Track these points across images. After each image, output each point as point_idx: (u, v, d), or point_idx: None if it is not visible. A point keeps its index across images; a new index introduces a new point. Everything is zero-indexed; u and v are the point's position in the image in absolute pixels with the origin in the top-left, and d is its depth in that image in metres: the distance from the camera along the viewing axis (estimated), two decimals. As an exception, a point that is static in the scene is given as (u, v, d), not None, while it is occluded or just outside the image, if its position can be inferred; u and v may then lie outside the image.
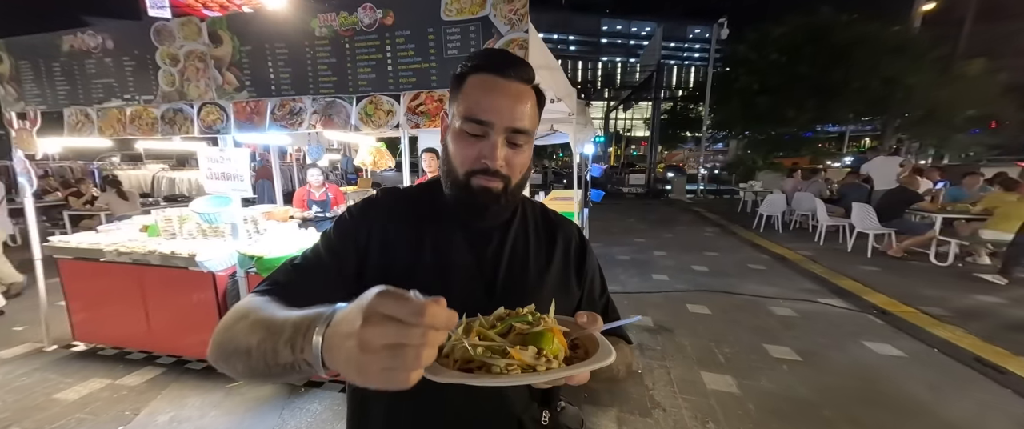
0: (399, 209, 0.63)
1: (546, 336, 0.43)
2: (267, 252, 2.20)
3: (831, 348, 2.82)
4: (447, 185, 0.60)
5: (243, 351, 0.42)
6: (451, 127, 0.58)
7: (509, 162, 0.56)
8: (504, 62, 0.56)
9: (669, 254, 5.66)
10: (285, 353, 0.38)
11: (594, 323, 0.47)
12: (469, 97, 0.55)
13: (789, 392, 2.29)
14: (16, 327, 3.06)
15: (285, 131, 2.01)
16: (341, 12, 1.81)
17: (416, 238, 0.61)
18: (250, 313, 0.46)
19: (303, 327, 0.38)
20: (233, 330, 0.45)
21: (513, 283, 0.61)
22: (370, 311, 0.31)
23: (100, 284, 2.56)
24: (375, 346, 0.30)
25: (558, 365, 0.42)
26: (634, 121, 37.21)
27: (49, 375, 2.41)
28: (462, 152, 0.56)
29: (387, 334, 0.30)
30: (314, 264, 0.59)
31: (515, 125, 0.54)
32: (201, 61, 2.04)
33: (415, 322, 0.30)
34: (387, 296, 0.31)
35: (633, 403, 2.18)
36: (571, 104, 3.13)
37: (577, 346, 0.47)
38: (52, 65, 2.29)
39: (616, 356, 0.59)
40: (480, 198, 0.56)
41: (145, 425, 1.98)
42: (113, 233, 2.83)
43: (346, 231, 0.61)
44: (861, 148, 25.11)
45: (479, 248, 0.62)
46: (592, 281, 0.71)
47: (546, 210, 0.73)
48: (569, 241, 0.69)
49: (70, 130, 2.35)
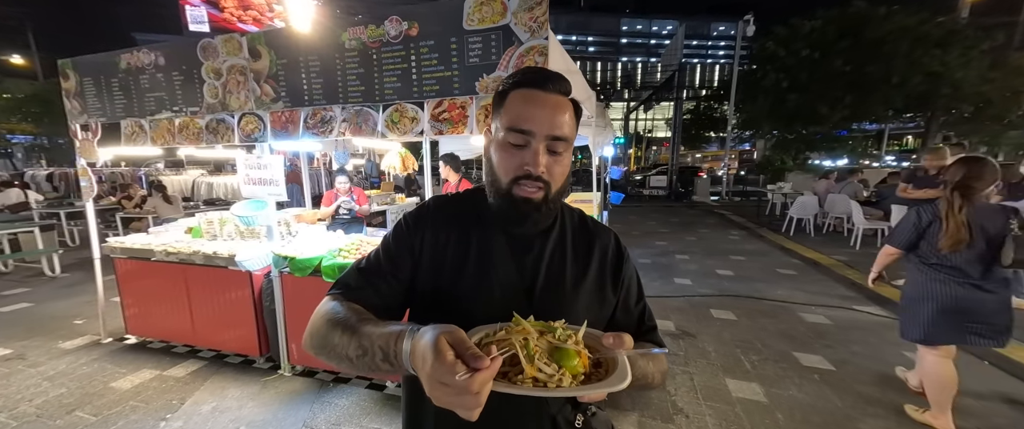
0: (448, 216, 0.69)
1: (569, 353, 0.46)
2: (299, 253, 2.33)
3: (868, 358, 2.69)
4: (491, 194, 0.65)
5: (346, 358, 0.54)
6: (495, 140, 0.63)
7: (550, 169, 0.59)
8: (543, 77, 0.61)
9: (692, 258, 5.52)
10: (384, 366, 0.50)
11: (620, 345, 0.49)
12: (511, 110, 0.60)
13: (822, 403, 2.21)
14: (77, 321, 3.34)
15: (317, 138, 2.13)
16: (369, 25, 1.90)
17: (463, 243, 0.66)
18: (339, 322, 0.56)
19: (392, 349, 0.48)
20: (330, 339, 0.55)
21: (550, 292, 0.65)
22: (432, 380, 0.40)
23: (150, 282, 2.77)
24: (441, 400, 0.40)
25: (570, 384, 0.44)
26: (655, 122, 36.47)
27: (106, 365, 2.62)
28: (506, 161, 0.60)
29: (447, 395, 0.39)
30: (376, 270, 0.66)
31: (555, 133, 0.58)
32: (241, 74, 2.19)
33: (464, 391, 0.38)
34: (441, 368, 0.39)
35: (654, 408, 2.16)
36: (590, 107, 3.13)
37: (599, 364, 0.50)
38: (111, 81, 2.51)
39: (652, 366, 0.62)
40: (523, 207, 0.60)
41: (190, 414, 2.13)
42: (162, 234, 3.06)
43: (402, 239, 0.68)
44: (903, 147, 23.60)
45: (519, 256, 0.65)
46: (628, 289, 0.72)
47: (585, 218, 0.75)
48: (606, 249, 0.71)
49: (126, 140, 2.56)
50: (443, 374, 0.39)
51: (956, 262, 1.84)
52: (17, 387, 2.37)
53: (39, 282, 4.51)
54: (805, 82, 10.87)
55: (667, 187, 15.21)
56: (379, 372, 0.53)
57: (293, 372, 2.49)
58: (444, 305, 0.64)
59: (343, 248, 2.43)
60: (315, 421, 2.06)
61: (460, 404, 0.39)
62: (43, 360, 2.69)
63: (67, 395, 2.29)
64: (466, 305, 0.63)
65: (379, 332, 0.51)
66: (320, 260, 2.29)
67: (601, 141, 4.67)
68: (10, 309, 3.67)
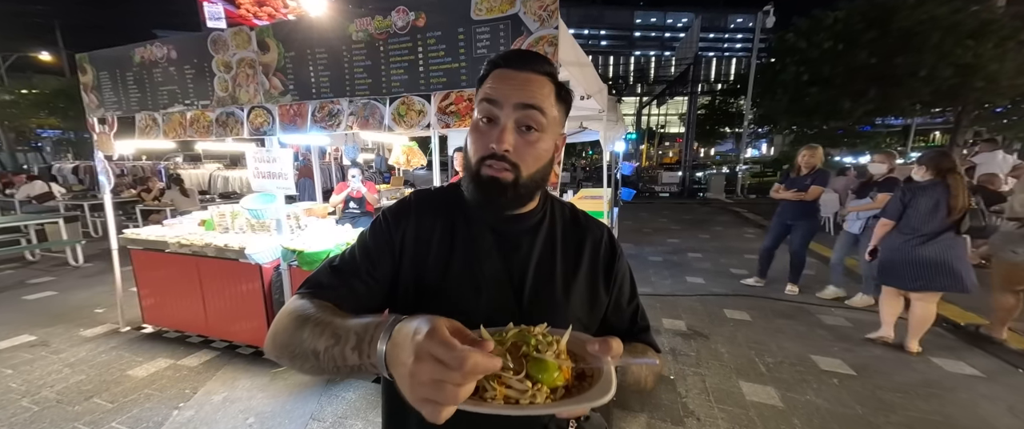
0: (431, 211, 0.64)
1: (547, 365, 0.41)
2: (307, 246, 2.33)
3: (892, 363, 2.57)
4: (465, 181, 0.60)
5: (311, 353, 0.47)
6: (472, 124, 0.59)
7: (518, 150, 0.55)
8: (519, 57, 0.57)
9: (705, 256, 5.40)
10: (353, 357, 0.43)
11: (607, 352, 0.44)
12: (484, 88, 0.57)
13: (841, 408, 2.12)
14: (97, 309, 3.45)
15: (324, 132, 2.12)
16: (376, 16, 1.87)
17: (447, 238, 0.62)
18: (309, 318, 0.50)
19: (367, 336, 0.43)
20: (297, 334, 0.49)
21: (539, 293, 0.61)
22: (421, 351, 0.35)
23: (165, 273, 2.83)
24: (422, 379, 0.34)
25: (544, 399, 0.40)
26: (668, 117, 35.79)
27: (123, 353, 2.69)
28: (475, 140, 0.57)
29: (433, 372, 0.34)
30: (351, 268, 0.61)
31: (524, 100, 0.54)
32: (251, 67, 2.19)
33: (457, 368, 0.33)
34: (435, 340, 0.35)
35: (664, 410, 2.11)
36: (601, 101, 3.05)
37: (584, 375, 0.45)
38: (126, 75, 2.55)
39: (644, 369, 0.58)
40: (487, 187, 0.55)
41: (202, 403, 2.16)
42: (176, 226, 3.11)
43: (381, 235, 0.63)
44: (930, 143, 22.63)
45: (507, 252, 0.62)
46: (621, 287, 0.69)
47: (576, 211, 0.71)
48: (598, 245, 0.68)
49: (140, 133, 2.60)
50: (436, 345, 0.34)
51: (926, 230, 2.49)
52: (40, 373, 2.45)
53: (64, 271, 4.67)
54: (827, 75, 10.48)
55: (680, 184, 14.93)
56: (344, 370, 0.45)
57: (302, 364, 2.51)
58: (428, 303, 0.59)
59: (351, 242, 2.42)
60: (322, 414, 2.07)
61: (439, 391, 0.33)
62: (65, 347, 2.78)
63: (86, 382, 2.36)
64: (451, 303, 0.59)
65: (357, 320, 0.46)
66: (328, 254, 2.29)
67: (612, 136, 4.58)
68: (36, 297, 3.81)
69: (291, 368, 0.52)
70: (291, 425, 1.99)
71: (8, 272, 4.66)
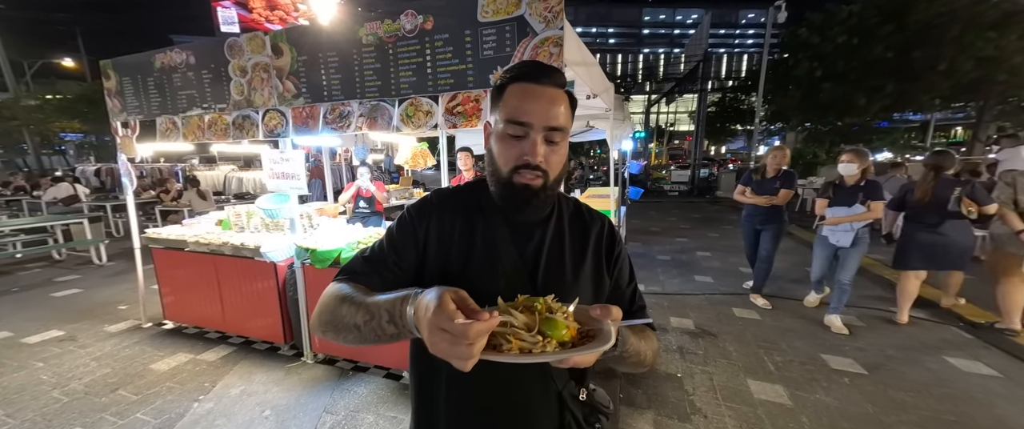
0: (451, 207, 0.71)
1: (556, 323, 0.48)
2: (319, 245, 2.40)
3: (904, 363, 2.54)
4: (492, 184, 0.68)
5: (353, 326, 0.58)
6: (495, 133, 0.66)
7: (547, 159, 0.63)
8: (539, 71, 0.63)
9: (714, 255, 5.35)
10: (390, 328, 0.54)
11: (607, 316, 0.51)
12: (509, 104, 0.62)
13: (851, 408, 2.10)
14: (121, 306, 3.59)
15: (335, 133, 2.18)
16: (385, 19, 1.92)
17: (468, 233, 0.69)
18: (346, 298, 0.60)
19: (396, 310, 0.52)
20: (339, 312, 0.59)
21: (551, 278, 0.68)
22: (432, 326, 0.44)
23: (184, 271, 2.93)
24: (438, 348, 0.44)
25: (553, 349, 0.47)
26: (678, 115, 35.37)
27: (146, 348, 2.80)
28: (506, 152, 0.63)
29: (443, 340, 0.43)
30: (379, 258, 0.69)
31: (552, 124, 0.61)
32: (265, 71, 2.26)
33: (462, 336, 0.41)
34: (442, 316, 0.43)
35: (671, 407, 2.12)
36: (608, 100, 3.06)
37: (590, 335, 0.52)
38: (147, 80, 2.65)
39: (643, 343, 0.65)
40: (523, 194, 0.63)
41: (221, 396, 2.24)
42: (195, 226, 3.22)
43: (406, 229, 0.70)
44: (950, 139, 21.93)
45: (521, 243, 0.69)
46: (620, 270, 0.76)
47: (579, 205, 0.79)
48: (600, 233, 0.75)
49: (161, 136, 2.70)
50: (443, 320, 0.43)
51: (921, 215, 2.85)
52: (69, 366, 2.57)
53: (88, 270, 4.86)
54: (841, 71, 10.26)
55: (689, 182, 14.75)
56: (384, 338, 0.55)
57: (315, 360, 2.58)
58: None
59: (361, 241, 2.48)
60: (335, 407, 2.13)
61: (455, 353, 0.42)
62: (91, 342, 2.90)
63: (111, 375, 2.46)
64: (473, 289, 0.64)
65: (384, 297, 0.55)
66: (339, 252, 2.35)
67: (619, 135, 4.57)
68: (63, 294, 3.97)
69: (336, 340, 0.61)
70: (305, 418, 2.06)
71: (37, 270, 4.86)
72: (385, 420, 2.03)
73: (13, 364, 2.59)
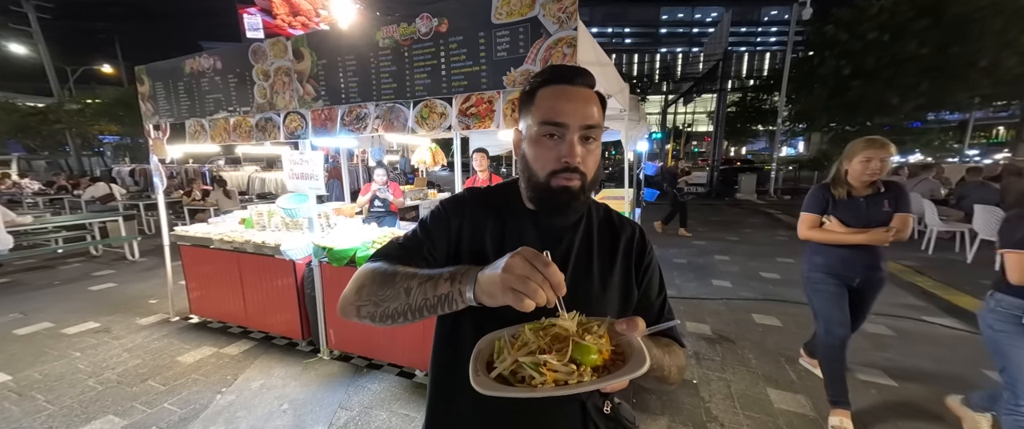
0: (483, 206, 0.72)
1: (586, 349, 0.47)
2: (336, 244, 2.45)
3: (938, 376, 2.40)
4: (529, 187, 0.67)
5: (403, 291, 0.57)
6: (527, 137, 0.65)
7: (584, 160, 0.62)
8: (571, 72, 0.63)
9: (733, 259, 5.20)
10: (444, 286, 0.53)
11: (634, 329, 0.50)
12: (543, 106, 0.62)
13: (878, 421, 2.00)
14: (151, 300, 3.76)
15: (352, 135, 2.23)
16: (401, 23, 1.95)
17: (498, 232, 0.69)
18: (390, 272, 0.60)
19: (461, 271, 0.53)
20: (387, 281, 0.59)
21: (577, 286, 0.65)
22: (519, 254, 0.47)
23: (209, 268, 3.05)
24: (515, 272, 0.46)
25: (590, 378, 0.46)
26: (696, 115, 34.57)
27: (173, 341, 2.93)
28: (543, 155, 0.63)
29: (524, 268, 0.46)
30: (414, 245, 0.70)
31: (588, 122, 0.61)
32: (286, 75, 2.33)
33: (541, 269, 0.45)
34: (529, 250, 0.48)
35: (686, 414, 2.07)
36: (622, 100, 3.02)
37: (619, 353, 0.50)
38: (177, 84, 2.77)
39: (668, 359, 0.64)
40: (562, 196, 0.63)
41: (242, 389, 2.32)
42: (220, 224, 3.35)
43: (439, 219, 0.71)
44: (991, 139, 20.68)
45: (550, 246, 0.68)
46: (650, 280, 0.74)
47: (610, 211, 0.77)
48: (630, 242, 0.73)
49: (190, 138, 2.82)
50: (528, 252, 0.47)
51: None
52: (103, 356, 2.71)
53: (122, 265, 5.11)
54: (871, 68, 9.81)
55: (707, 184, 14.39)
56: (430, 300, 0.54)
57: (331, 356, 2.64)
58: None
59: (376, 241, 2.53)
60: (350, 403, 2.17)
61: (525, 284, 0.45)
62: (124, 334, 3.05)
63: (142, 366, 2.58)
64: None
65: (444, 268, 0.56)
66: (355, 251, 2.40)
67: (634, 135, 4.50)
68: (100, 288, 4.19)
69: (361, 313, 0.60)
70: (321, 412, 2.11)
71: (77, 265, 5.15)
72: (398, 417, 2.06)
73: (53, 353, 2.75)
